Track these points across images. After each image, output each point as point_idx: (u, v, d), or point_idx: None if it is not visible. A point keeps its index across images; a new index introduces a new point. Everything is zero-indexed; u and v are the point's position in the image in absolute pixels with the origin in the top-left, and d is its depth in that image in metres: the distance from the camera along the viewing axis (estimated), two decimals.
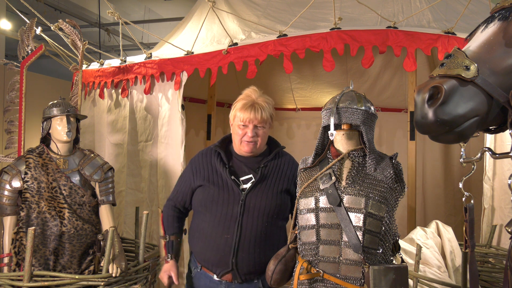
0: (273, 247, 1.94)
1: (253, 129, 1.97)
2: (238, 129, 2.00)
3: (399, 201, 1.66)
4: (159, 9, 8.69)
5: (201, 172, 2.06)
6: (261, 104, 1.98)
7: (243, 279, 1.94)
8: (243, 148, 2.01)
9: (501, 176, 2.77)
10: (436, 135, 1.14)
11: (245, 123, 1.97)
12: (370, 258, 1.55)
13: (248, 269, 1.93)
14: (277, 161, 2.05)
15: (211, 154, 2.08)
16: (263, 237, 1.93)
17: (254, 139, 1.98)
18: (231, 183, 1.96)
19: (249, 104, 1.98)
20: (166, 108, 3.35)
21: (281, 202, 1.98)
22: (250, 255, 1.91)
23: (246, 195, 1.95)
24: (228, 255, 1.91)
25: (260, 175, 1.99)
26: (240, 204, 1.94)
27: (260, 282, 1.97)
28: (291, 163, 2.09)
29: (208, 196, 2.00)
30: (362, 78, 4.59)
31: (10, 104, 3.13)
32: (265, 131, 2.01)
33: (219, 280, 1.96)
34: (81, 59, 3.22)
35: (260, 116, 1.96)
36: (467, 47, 1.18)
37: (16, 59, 3.22)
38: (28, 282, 2.13)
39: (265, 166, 2.02)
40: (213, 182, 2.00)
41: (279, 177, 2.02)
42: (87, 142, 3.79)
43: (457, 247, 2.68)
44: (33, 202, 2.41)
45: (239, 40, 3.20)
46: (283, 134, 5.42)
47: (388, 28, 2.86)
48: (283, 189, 2.00)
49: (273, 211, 1.96)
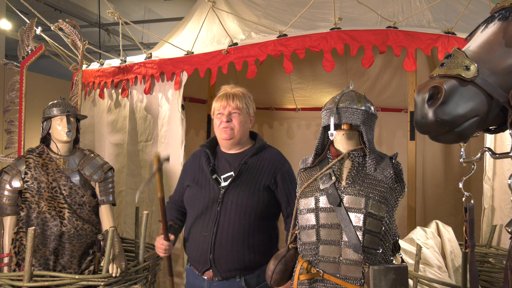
0: (256, 246, 1.95)
1: (228, 114, 2.03)
2: (216, 120, 2.07)
3: (399, 201, 1.66)
4: (159, 9, 8.69)
5: (190, 172, 2.13)
6: (235, 92, 2.07)
7: (223, 277, 1.95)
8: (221, 135, 2.05)
9: (501, 176, 2.77)
10: (436, 135, 1.14)
11: (220, 111, 2.04)
12: (370, 258, 1.55)
13: (227, 267, 1.93)
14: (258, 157, 2.06)
15: (200, 155, 2.14)
16: (242, 235, 1.93)
17: (230, 124, 2.02)
18: (212, 182, 2.00)
19: (223, 94, 2.07)
20: (166, 108, 3.35)
21: (260, 199, 1.97)
22: (227, 252, 1.92)
23: (224, 193, 1.97)
24: (206, 252, 1.93)
25: (239, 172, 2.00)
26: (218, 202, 1.96)
27: (243, 280, 1.96)
28: (273, 158, 2.07)
29: (192, 195, 2.05)
30: (362, 78, 4.59)
31: (10, 104, 3.13)
32: (241, 118, 2.05)
33: (202, 277, 1.99)
34: (81, 59, 3.22)
35: (233, 103, 2.03)
36: (467, 47, 1.18)
37: (16, 59, 3.22)
38: (28, 282, 2.13)
39: (245, 163, 2.03)
40: (197, 182, 2.05)
41: (258, 173, 2.01)
42: (87, 142, 3.79)
43: (457, 247, 2.68)
44: (33, 202, 2.41)
45: (239, 40, 3.20)
46: (283, 134, 5.41)
47: (388, 28, 2.86)
48: (262, 185, 1.99)
49: (251, 209, 1.95)
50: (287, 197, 2.03)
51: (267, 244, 2.02)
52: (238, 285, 1.96)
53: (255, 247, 1.96)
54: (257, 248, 1.97)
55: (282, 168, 2.05)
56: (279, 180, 2.02)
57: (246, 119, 2.08)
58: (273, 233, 2.07)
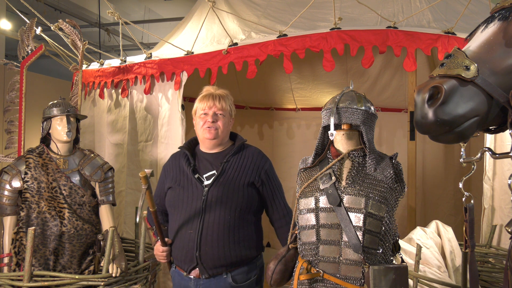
0: (241, 241, 1.97)
1: (213, 115, 2.03)
2: (200, 120, 2.07)
3: (399, 201, 1.67)
4: (159, 9, 8.69)
5: (170, 174, 2.12)
6: (220, 94, 2.08)
7: (210, 274, 1.95)
8: (205, 135, 2.05)
9: (501, 176, 2.77)
10: (436, 135, 1.14)
11: (205, 111, 2.05)
12: (370, 258, 1.55)
13: (213, 263, 1.94)
14: (239, 155, 2.08)
15: (179, 156, 2.14)
16: (227, 231, 1.95)
17: (215, 125, 2.03)
18: (195, 181, 2.01)
19: (208, 94, 2.08)
20: (166, 108, 3.35)
21: (245, 195, 2.00)
22: (213, 249, 1.93)
23: (208, 190, 1.98)
24: (192, 250, 1.94)
25: (222, 169, 2.02)
26: (202, 200, 1.97)
27: (230, 277, 1.97)
28: (255, 156, 2.10)
29: (174, 197, 2.05)
30: (362, 78, 4.59)
31: (10, 104, 3.13)
32: (225, 120, 2.07)
33: (188, 277, 1.99)
34: (81, 59, 3.22)
35: (219, 103, 2.04)
36: (467, 47, 1.18)
37: (16, 59, 3.22)
38: (28, 282, 2.13)
39: (227, 161, 2.05)
40: (179, 183, 2.05)
41: (241, 170, 2.04)
42: (87, 142, 3.79)
43: (457, 247, 2.68)
44: (33, 202, 2.41)
45: (239, 40, 3.20)
46: (283, 134, 5.41)
47: (388, 28, 2.86)
48: (246, 182, 2.02)
49: (235, 204, 1.97)
50: (272, 192, 2.09)
51: (252, 239, 2.04)
52: (225, 282, 1.97)
53: (241, 242, 1.97)
54: (243, 244, 1.98)
55: (265, 165, 2.10)
56: (264, 177, 2.07)
57: (229, 121, 2.11)
58: (257, 228, 2.09)
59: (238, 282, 1.98)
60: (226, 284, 1.96)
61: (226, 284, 1.96)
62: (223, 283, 1.96)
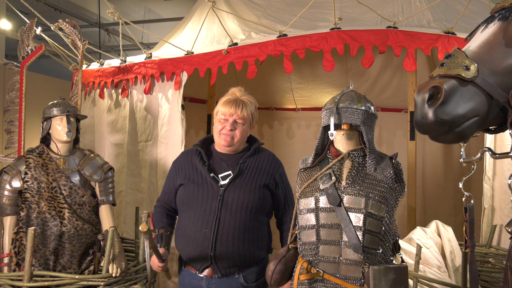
0: (254, 241, 1.99)
1: (233, 123, 2.02)
2: (218, 124, 2.06)
3: (399, 201, 1.67)
4: (159, 9, 8.69)
5: (182, 171, 2.11)
6: (244, 101, 2.06)
7: (223, 273, 1.96)
8: (221, 141, 2.05)
9: (501, 176, 2.77)
10: (436, 135, 1.14)
11: (226, 117, 2.03)
12: (370, 258, 1.55)
13: (227, 263, 1.95)
14: (255, 157, 2.10)
15: (192, 153, 2.13)
16: (242, 231, 1.96)
17: (232, 133, 2.03)
18: (210, 180, 2.01)
19: (232, 99, 2.05)
20: (166, 108, 3.35)
21: (261, 196, 2.02)
22: (228, 249, 1.94)
23: (224, 190, 1.99)
24: (206, 249, 1.94)
25: (238, 170, 2.02)
26: (218, 200, 1.97)
27: (242, 277, 1.98)
28: (270, 159, 2.13)
29: (188, 194, 2.04)
30: (362, 78, 4.59)
31: (10, 104, 3.13)
32: (244, 128, 2.06)
33: (200, 275, 1.99)
34: (81, 59, 3.22)
35: (241, 112, 2.02)
36: (467, 47, 1.18)
37: (16, 59, 3.21)
38: (28, 282, 2.13)
39: (243, 162, 2.06)
40: (193, 180, 2.05)
41: (257, 172, 2.05)
42: (87, 142, 3.79)
43: (457, 247, 2.68)
44: (33, 202, 2.41)
45: (239, 40, 3.20)
46: (283, 134, 5.41)
47: (388, 28, 2.86)
48: (261, 184, 2.04)
49: (251, 205, 1.99)
50: (284, 196, 2.12)
51: (264, 240, 2.06)
52: (237, 282, 1.98)
53: (254, 243, 1.99)
54: (256, 244, 2.00)
55: (279, 168, 2.14)
56: (278, 180, 2.10)
57: (247, 128, 2.11)
58: (268, 229, 2.12)
59: (249, 282, 2.00)
60: (237, 284, 1.98)
61: (237, 284, 1.98)
62: (235, 283, 1.98)
